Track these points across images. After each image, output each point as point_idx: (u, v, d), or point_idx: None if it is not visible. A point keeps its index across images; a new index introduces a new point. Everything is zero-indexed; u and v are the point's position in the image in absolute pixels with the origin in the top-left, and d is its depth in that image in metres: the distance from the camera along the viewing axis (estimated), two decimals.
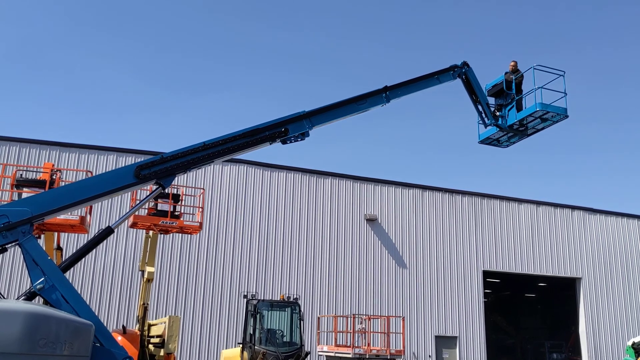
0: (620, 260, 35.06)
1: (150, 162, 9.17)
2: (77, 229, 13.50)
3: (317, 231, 28.40)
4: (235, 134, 9.81)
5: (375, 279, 28.84)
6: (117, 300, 24.39)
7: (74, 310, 7.66)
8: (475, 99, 12.75)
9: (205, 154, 9.53)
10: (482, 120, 13.09)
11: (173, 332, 14.66)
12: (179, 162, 9.32)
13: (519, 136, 13.34)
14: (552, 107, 12.48)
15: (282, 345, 17.49)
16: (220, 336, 25.48)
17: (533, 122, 12.85)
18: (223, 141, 9.66)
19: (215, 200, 26.79)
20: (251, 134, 9.93)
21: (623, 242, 35.49)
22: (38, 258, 7.85)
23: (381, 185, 30.37)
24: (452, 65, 12.15)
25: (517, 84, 13.23)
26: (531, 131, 13.18)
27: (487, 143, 13.73)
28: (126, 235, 24.73)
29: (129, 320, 23.25)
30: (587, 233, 34.59)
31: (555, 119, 12.68)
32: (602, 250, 34.70)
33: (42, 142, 24.79)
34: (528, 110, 12.60)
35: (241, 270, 26.55)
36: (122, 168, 9.12)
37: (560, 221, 34.06)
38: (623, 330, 33.70)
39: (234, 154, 10.00)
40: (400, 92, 11.52)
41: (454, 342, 29.72)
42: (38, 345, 6.49)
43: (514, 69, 13.49)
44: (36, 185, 13.02)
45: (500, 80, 13.28)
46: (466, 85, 12.54)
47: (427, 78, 11.87)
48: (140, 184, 9.10)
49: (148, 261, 15.73)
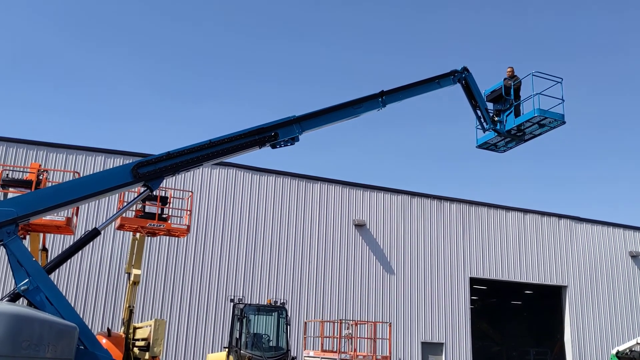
0: (606, 269, 35.31)
1: (148, 161, 9.11)
2: (63, 230, 13.40)
3: (305, 236, 28.37)
4: (224, 137, 9.79)
5: (363, 285, 28.84)
6: (102, 302, 24.20)
7: (58, 312, 7.60)
8: (474, 104, 12.89)
9: (195, 157, 9.49)
10: (481, 125, 13.26)
11: (158, 335, 14.56)
12: (169, 164, 9.27)
13: (516, 141, 13.54)
14: (549, 113, 12.69)
15: (268, 349, 17.42)
16: (206, 340, 25.35)
17: (531, 128, 13.04)
18: (212, 144, 9.64)
19: (203, 203, 26.69)
20: (240, 138, 9.90)
21: (609, 251, 35.76)
22: (23, 259, 7.79)
23: (370, 191, 30.42)
24: (452, 70, 12.31)
25: (515, 90, 13.40)
26: (528, 136, 13.37)
27: (484, 148, 13.90)
28: (113, 237, 24.57)
29: (115, 323, 23.08)
30: (574, 242, 34.81)
31: (552, 124, 12.89)
32: (588, 258, 34.94)
33: (29, 142, 24.60)
34: (526, 116, 12.78)
35: (228, 274, 26.46)
36: (118, 167, 9.07)
37: (547, 229, 34.26)
38: (608, 339, 33.91)
39: (222, 157, 9.97)
40: (401, 96, 11.60)
41: (440, 348, 29.76)
42: (21, 347, 6.44)
43: (511, 74, 13.67)
44: (22, 185, 12.90)
45: (499, 86, 13.46)
46: (466, 90, 12.67)
47: (427, 82, 11.99)
48: (136, 183, 9.03)
49: (135, 264, 15.64)
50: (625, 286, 35.50)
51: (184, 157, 9.40)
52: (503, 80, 13.52)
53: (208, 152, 9.61)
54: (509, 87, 13.33)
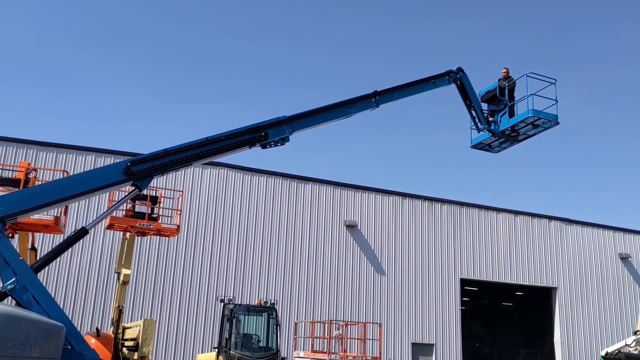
0: (596, 271, 35.50)
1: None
2: (51, 229, 13.36)
3: (296, 236, 28.35)
4: (214, 137, 9.75)
5: (354, 285, 28.85)
6: (92, 302, 24.09)
7: (44, 311, 7.54)
8: (469, 104, 12.96)
9: (185, 156, 9.45)
10: (475, 125, 13.34)
11: (147, 335, 14.54)
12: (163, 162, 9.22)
13: (510, 142, 13.63)
14: (543, 114, 12.79)
15: (258, 350, 17.40)
16: (195, 340, 25.28)
17: (525, 128, 13.14)
18: (202, 144, 9.60)
19: (194, 203, 26.63)
20: (230, 138, 9.87)
21: (599, 253, 35.95)
22: (9, 258, 7.73)
23: (361, 192, 30.44)
24: (447, 71, 12.37)
25: (510, 90, 13.51)
26: (522, 137, 13.46)
27: (479, 148, 13.99)
28: (103, 236, 24.46)
29: (104, 323, 23.00)
30: (564, 243, 34.97)
31: (546, 125, 12.99)
32: (578, 260, 35.11)
33: (19, 140, 24.45)
34: (521, 116, 12.89)
35: (218, 274, 26.40)
36: (111, 165, 9.02)
37: (537, 231, 34.40)
38: (597, 340, 34.08)
39: (212, 157, 9.93)
40: (396, 96, 11.61)
41: (430, 349, 29.81)
42: (7, 347, 6.40)
43: (505, 75, 13.77)
44: (10, 183, 12.85)
45: (494, 87, 13.56)
46: (460, 90, 12.73)
47: (422, 82, 12.03)
48: (129, 180, 8.98)
49: (124, 263, 15.61)
50: (615, 288, 35.70)
51: (179, 154, 9.36)
52: (497, 81, 13.63)
53: (197, 152, 9.57)
54: (504, 87, 13.43)
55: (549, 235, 34.68)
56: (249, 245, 27.27)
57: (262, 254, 27.41)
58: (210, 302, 25.75)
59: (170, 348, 24.79)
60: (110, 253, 24.46)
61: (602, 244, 36.22)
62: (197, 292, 25.81)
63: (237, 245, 27.03)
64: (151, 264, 25.33)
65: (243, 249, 27.09)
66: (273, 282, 27.31)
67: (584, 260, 35.30)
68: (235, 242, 27.04)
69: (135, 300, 24.55)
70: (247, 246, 27.22)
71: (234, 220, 27.32)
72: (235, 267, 26.76)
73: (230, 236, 27.04)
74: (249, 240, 27.34)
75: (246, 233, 27.35)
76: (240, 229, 27.31)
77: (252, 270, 27.03)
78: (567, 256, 34.85)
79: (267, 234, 27.77)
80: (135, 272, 24.00)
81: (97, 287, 24.30)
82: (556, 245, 34.67)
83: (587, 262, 35.36)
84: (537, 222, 34.61)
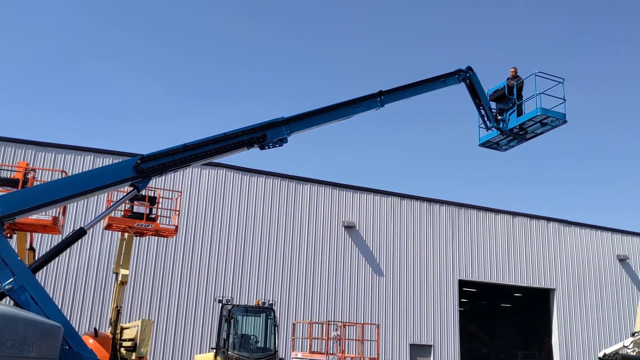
0: (594, 272, 35.53)
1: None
2: (50, 229, 13.36)
3: (295, 237, 28.36)
4: (212, 137, 9.74)
5: (352, 286, 28.86)
6: (90, 302, 24.08)
7: (42, 311, 7.54)
8: (478, 103, 13.08)
9: (182, 157, 9.45)
10: (484, 124, 13.46)
11: (145, 335, 14.54)
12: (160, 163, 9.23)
13: (518, 140, 13.78)
14: (552, 112, 12.92)
15: (256, 350, 17.40)
16: (193, 341, 25.28)
17: (533, 127, 13.28)
18: (200, 144, 9.60)
19: (192, 203, 26.62)
20: (229, 139, 9.86)
21: (597, 254, 35.98)
22: (7, 258, 7.73)
23: (360, 193, 30.45)
24: (457, 70, 12.47)
25: (518, 89, 13.67)
26: (530, 135, 13.60)
27: (487, 146, 14.14)
28: (101, 236, 24.45)
29: (102, 323, 22.98)
30: (562, 245, 35.00)
31: (554, 123, 13.13)
32: (576, 262, 35.14)
33: (17, 140, 24.44)
34: (529, 115, 13.02)
35: (217, 275, 26.40)
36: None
37: (535, 232, 34.43)
38: (595, 341, 34.11)
39: (210, 158, 9.92)
40: (404, 95, 11.67)
41: (428, 350, 29.83)
42: (5, 347, 6.39)
43: (514, 74, 13.93)
44: (9, 184, 12.85)
45: (502, 86, 13.71)
46: (470, 89, 12.85)
47: (432, 81, 12.12)
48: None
49: (122, 263, 15.62)
50: (613, 289, 35.73)
51: (179, 154, 9.37)
52: (506, 80, 13.80)
53: (196, 153, 9.56)
54: (512, 86, 13.61)
55: (547, 237, 34.70)
56: (248, 245, 27.27)
57: (260, 254, 27.41)
58: (208, 303, 25.75)
59: (168, 348, 24.78)
60: (108, 253, 24.44)
61: (600, 245, 36.26)
62: (195, 292, 25.81)
63: (235, 245, 27.04)
64: (149, 265, 25.33)
65: (241, 250, 27.09)
66: (271, 282, 27.31)
67: (582, 262, 35.33)
68: (233, 243, 27.04)
69: (133, 301, 24.53)
70: (246, 247, 27.22)
71: (233, 220, 27.32)
72: (234, 267, 26.76)
73: (229, 237, 27.04)
74: (248, 240, 27.34)
75: (244, 234, 27.35)
76: (239, 229, 27.31)
77: (250, 270, 27.03)
78: (565, 257, 34.88)
79: (266, 234, 27.77)
80: (133, 272, 24.00)
81: (95, 288, 24.29)
82: (554, 247, 34.70)
83: (585, 263, 35.39)
84: (535, 223, 34.64)
